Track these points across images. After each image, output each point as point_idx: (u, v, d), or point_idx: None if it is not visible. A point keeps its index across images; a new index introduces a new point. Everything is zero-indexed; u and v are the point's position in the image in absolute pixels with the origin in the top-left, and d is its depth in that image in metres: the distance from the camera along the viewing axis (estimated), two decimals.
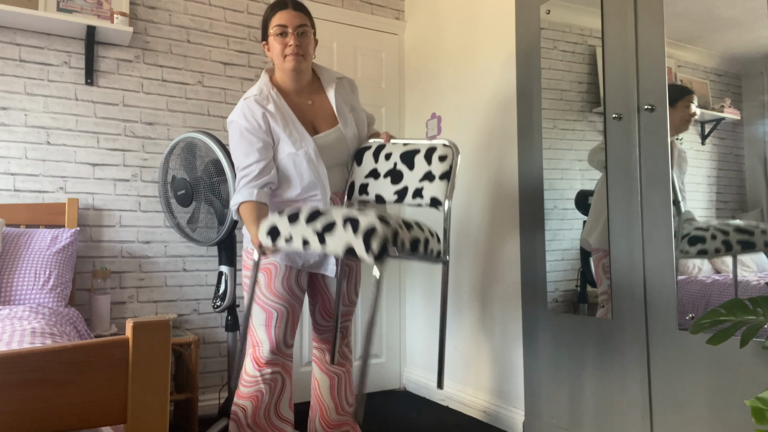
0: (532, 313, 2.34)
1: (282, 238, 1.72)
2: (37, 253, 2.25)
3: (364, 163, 2.11)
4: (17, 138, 2.54)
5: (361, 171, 2.11)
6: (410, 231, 1.71)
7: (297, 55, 1.91)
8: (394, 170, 2.07)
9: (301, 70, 1.95)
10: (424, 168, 2.01)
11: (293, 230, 1.70)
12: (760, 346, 1.58)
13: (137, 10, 2.78)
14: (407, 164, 2.05)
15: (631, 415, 1.94)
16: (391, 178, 2.07)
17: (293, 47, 1.90)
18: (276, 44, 1.92)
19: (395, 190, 2.06)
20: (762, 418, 1.18)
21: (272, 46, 1.94)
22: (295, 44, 1.90)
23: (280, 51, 1.92)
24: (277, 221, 1.73)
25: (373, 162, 2.09)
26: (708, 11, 1.76)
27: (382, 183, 2.08)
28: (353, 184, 2.10)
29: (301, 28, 1.91)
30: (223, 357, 2.88)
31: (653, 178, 1.88)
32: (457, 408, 2.89)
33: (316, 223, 1.68)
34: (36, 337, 1.50)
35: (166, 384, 0.81)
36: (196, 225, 2.51)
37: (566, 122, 2.23)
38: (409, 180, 2.03)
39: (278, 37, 1.92)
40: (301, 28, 1.91)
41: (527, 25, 2.40)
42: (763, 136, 1.63)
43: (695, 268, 1.79)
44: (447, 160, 1.98)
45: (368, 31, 3.37)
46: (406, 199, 2.04)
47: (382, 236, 1.59)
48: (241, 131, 1.89)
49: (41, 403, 0.75)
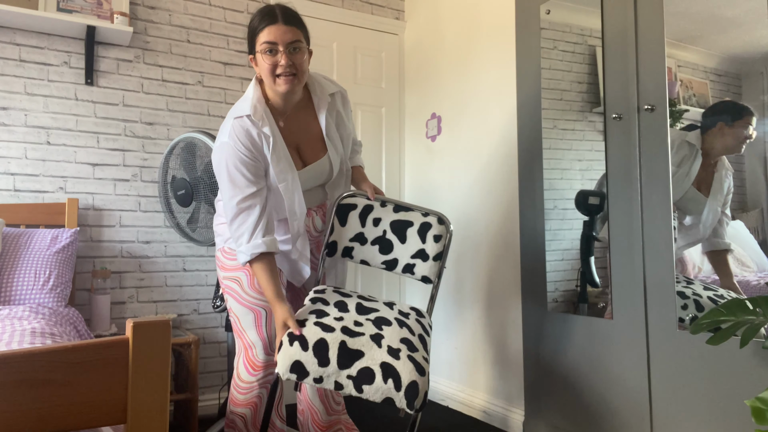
0: (532, 313, 2.34)
1: (311, 377, 1.63)
2: (37, 253, 2.25)
3: (349, 225, 1.96)
4: (17, 138, 2.54)
5: (345, 232, 1.97)
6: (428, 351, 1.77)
7: (290, 75, 1.69)
8: (383, 239, 1.97)
9: (295, 92, 1.76)
10: (417, 244, 1.94)
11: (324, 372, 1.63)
12: (760, 346, 1.58)
13: (137, 10, 2.78)
14: (398, 236, 1.96)
15: (631, 415, 1.94)
16: (379, 247, 1.97)
17: (284, 67, 1.68)
18: (264, 63, 1.69)
19: (384, 260, 1.97)
20: (762, 418, 1.18)
21: (260, 63, 1.71)
22: (287, 63, 1.67)
23: (270, 71, 1.69)
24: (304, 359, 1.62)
25: (360, 225, 1.96)
26: (708, 11, 1.76)
27: (369, 250, 1.98)
28: (336, 243, 1.96)
29: (293, 44, 1.68)
30: (223, 357, 2.88)
31: (653, 178, 1.88)
32: (457, 408, 2.89)
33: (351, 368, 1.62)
34: (36, 337, 1.50)
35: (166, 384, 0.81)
36: (196, 225, 2.51)
37: (566, 122, 2.23)
38: (400, 253, 1.96)
39: (267, 55, 1.68)
40: (293, 44, 1.68)
41: (527, 25, 2.40)
42: (763, 136, 1.63)
43: (695, 268, 1.79)
44: (441, 240, 1.94)
45: (368, 31, 3.37)
46: (395, 270, 1.97)
47: (423, 391, 1.62)
48: (235, 164, 1.68)
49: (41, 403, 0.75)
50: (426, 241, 1.94)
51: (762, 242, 1.64)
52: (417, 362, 1.65)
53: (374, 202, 1.95)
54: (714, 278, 1.75)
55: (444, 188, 3.09)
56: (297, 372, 1.63)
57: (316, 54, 3.20)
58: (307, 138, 1.85)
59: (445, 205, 3.08)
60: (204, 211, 2.47)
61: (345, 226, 1.96)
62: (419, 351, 1.69)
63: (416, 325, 1.81)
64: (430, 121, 3.23)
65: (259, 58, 1.71)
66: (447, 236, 1.95)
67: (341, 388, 1.64)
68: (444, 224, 1.94)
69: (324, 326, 1.67)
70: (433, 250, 1.94)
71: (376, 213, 1.96)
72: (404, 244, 1.96)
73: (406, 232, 1.96)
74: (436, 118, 3.17)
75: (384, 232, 1.96)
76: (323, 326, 1.67)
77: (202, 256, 2.86)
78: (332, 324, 1.69)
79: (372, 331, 1.70)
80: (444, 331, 3.05)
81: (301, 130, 1.84)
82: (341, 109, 1.92)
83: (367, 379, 1.61)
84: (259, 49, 1.70)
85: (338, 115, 1.91)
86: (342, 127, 1.92)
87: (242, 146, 1.69)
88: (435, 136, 3.18)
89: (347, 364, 1.62)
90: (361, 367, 1.62)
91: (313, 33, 3.20)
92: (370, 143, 3.35)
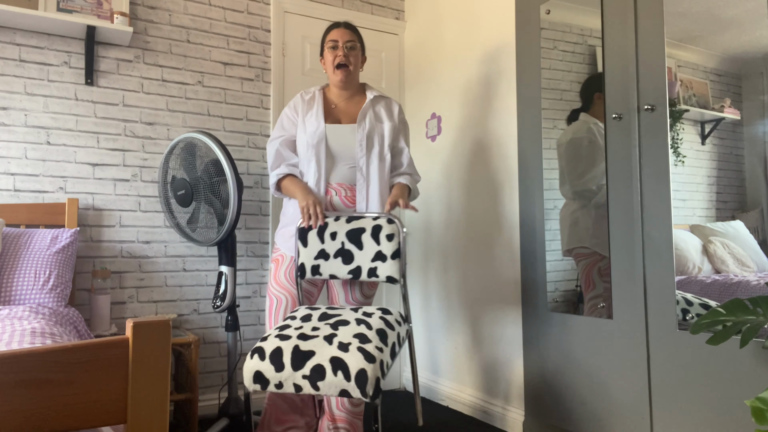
0: (532, 313, 2.34)
1: (272, 385, 1.76)
2: (37, 253, 2.25)
3: (311, 244, 2.15)
4: (17, 138, 2.54)
5: (309, 252, 2.16)
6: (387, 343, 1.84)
7: (344, 67, 2.20)
8: (343, 249, 2.13)
9: (347, 82, 2.23)
10: (373, 248, 2.10)
11: (282, 377, 1.75)
12: (760, 346, 1.58)
13: (137, 10, 2.78)
14: (355, 244, 2.12)
15: (631, 415, 1.94)
16: (342, 259, 2.13)
17: (341, 57, 2.20)
18: (328, 56, 2.23)
19: (348, 270, 2.12)
20: (762, 418, 1.18)
21: (326, 58, 2.25)
22: (343, 55, 2.20)
23: (331, 62, 2.22)
24: (262, 368, 1.77)
25: (320, 242, 2.14)
26: (708, 11, 1.76)
27: (333, 263, 2.14)
28: (303, 265, 2.15)
29: (350, 42, 2.23)
30: (223, 357, 2.88)
31: (653, 178, 1.88)
32: (457, 408, 2.89)
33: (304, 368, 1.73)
34: (36, 337, 1.50)
35: (166, 384, 0.81)
36: (196, 225, 2.51)
37: (566, 122, 2.23)
38: (361, 260, 2.11)
39: (330, 50, 2.22)
40: (350, 43, 2.22)
41: (527, 25, 2.40)
42: (763, 136, 1.63)
43: (695, 268, 1.79)
44: (395, 238, 2.09)
45: (368, 31, 3.37)
46: (361, 277, 2.12)
47: (373, 377, 1.70)
48: (282, 116, 2.29)
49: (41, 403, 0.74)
50: (380, 243, 2.10)
51: (762, 242, 1.64)
52: (367, 351, 1.73)
53: (329, 219, 2.16)
54: (714, 278, 1.75)
55: (444, 188, 3.09)
56: (259, 381, 1.76)
57: (316, 53, 3.21)
58: (346, 117, 2.26)
59: (444, 205, 3.08)
60: (204, 212, 2.47)
61: (307, 247, 2.16)
62: (372, 342, 1.78)
63: (378, 321, 1.90)
64: (430, 121, 3.22)
65: (325, 53, 2.25)
66: (399, 234, 2.09)
67: (300, 389, 1.74)
68: (394, 223, 2.08)
69: (282, 336, 1.82)
70: (390, 249, 2.08)
71: (332, 228, 2.15)
72: (362, 250, 2.12)
73: (361, 239, 2.12)
74: (436, 118, 3.17)
75: (342, 244, 2.13)
76: (281, 337, 1.82)
77: (202, 256, 2.86)
78: (290, 333, 1.84)
79: (327, 332, 1.84)
80: (444, 331, 3.05)
81: (344, 111, 2.27)
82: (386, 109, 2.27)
83: (320, 375, 1.72)
84: (326, 46, 2.24)
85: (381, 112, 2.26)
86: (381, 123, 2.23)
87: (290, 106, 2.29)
88: (435, 136, 3.18)
89: (300, 365, 1.73)
90: (313, 365, 1.72)
91: (313, 33, 3.20)
92: None
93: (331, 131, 2.17)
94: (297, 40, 3.15)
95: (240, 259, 2.94)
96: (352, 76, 2.23)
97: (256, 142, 3.01)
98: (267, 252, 3.01)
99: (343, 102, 2.27)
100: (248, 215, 2.97)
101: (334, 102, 2.27)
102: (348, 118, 2.23)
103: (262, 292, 3.00)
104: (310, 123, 2.18)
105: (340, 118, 2.23)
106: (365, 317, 1.93)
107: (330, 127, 2.17)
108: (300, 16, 3.17)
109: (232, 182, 2.35)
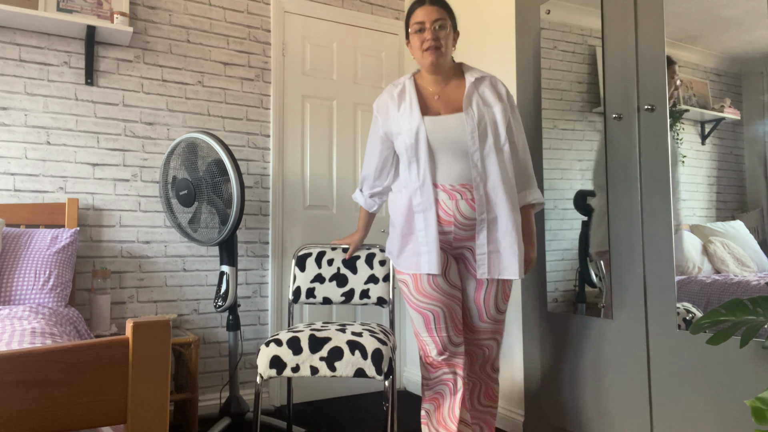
0: (532, 313, 2.34)
1: (288, 369, 1.95)
2: (37, 253, 2.25)
3: (308, 269, 2.42)
4: (17, 138, 2.54)
5: (306, 276, 2.41)
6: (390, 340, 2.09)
7: (434, 48, 1.89)
8: (339, 274, 2.41)
9: (439, 65, 1.91)
10: (367, 272, 2.39)
11: (299, 359, 1.96)
12: (760, 346, 1.58)
13: (137, 10, 2.78)
14: (350, 269, 2.41)
15: (631, 415, 1.94)
16: (336, 282, 2.40)
17: (430, 41, 1.89)
18: (416, 40, 1.93)
19: (342, 293, 2.39)
20: (762, 418, 1.18)
21: (413, 42, 1.95)
22: (432, 38, 1.89)
23: (419, 46, 1.92)
24: (280, 352, 1.97)
25: (317, 267, 2.42)
26: (708, 11, 1.76)
27: (328, 286, 2.40)
28: (299, 288, 2.41)
29: (438, 21, 1.90)
30: (224, 357, 2.88)
31: (653, 178, 1.88)
32: None
33: (321, 350, 1.96)
34: (36, 337, 1.50)
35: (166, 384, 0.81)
36: (198, 225, 2.51)
37: (566, 122, 2.23)
38: (355, 283, 2.39)
39: (417, 34, 1.92)
40: (438, 22, 1.90)
41: (527, 25, 2.40)
42: (763, 136, 1.63)
43: (695, 268, 1.79)
44: (386, 263, 2.40)
45: (368, 31, 3.37)
46: (353, 300, 2.38)
47: (387, 357, 1.95)
48: (372, 125, 2.06)
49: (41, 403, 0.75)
50: (374, 267, 2.39)
51: (762, 242, 1.64)
52: (379, 338, 2.01)
53: (326, 248, 2.43)
54: (714, 278, 1.75)
55: None
56: (276, 366, 1.95)
57: (316, 53, 3.21)
58: (447, 105, 1.94)
59: None
60: (206, 212, 2.47)
61: (304, 272, 2.42)
62: (379, 335, 2.05)
63: (376, 327, 2.21)
64: None
65: (412, 38, 1.95)
66: (389, 261, 2.37)
67: (317, 371, 1.93)
68: (385, 251, 2.25)
69: (295, 331, 2.08)
70: (382, 273, 2.38)
71: (329, 255, 2.44)
72: (356, 274, 2.40)
73: (356, 264, 2.41)
74: None
75: (338, 269, 2.42)
76: (294, 331, 2.07)
77: (202, 256, 2.86)
78: (301, 328, 2.10)
79: (336, 328, 2.11)
80: None
81: (443, 100, 1.95)
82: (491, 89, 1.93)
83: (338, 356, 1.94)
84: (411, 30, 1.94)
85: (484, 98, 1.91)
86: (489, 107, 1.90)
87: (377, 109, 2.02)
88: None
89: (318, 348, 1.96)
90: (331, 347, 1.95)
91: (313, 33, 3.20)
92: None
93: (431, 124, 1.86)
94: (297, 40, 3.15)
95: (240, 259, 2.94)
96: (445, 57, 1.91)
97: (256, 142, 3.01)
98: (267, 252, 3.01)
99: (439, 88, 1.95)
100: (248, 215, 2.98)
101: (429, 90, 1.96)
102: (448, 106, 1.91)
103: (262, 292, 3.00)
104: (405, 120, 1.89)
105: (439, 109, 1.92)
106: (364, 325, 2.18)
107: (430, 120, 1.87)
108: (300, 16, 3.17)
109: (236, 182, 2.35)
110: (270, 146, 3.04)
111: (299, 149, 3.13)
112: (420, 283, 1.88)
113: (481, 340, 1.96)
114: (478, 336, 1.96)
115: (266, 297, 3.00)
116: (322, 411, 2.89)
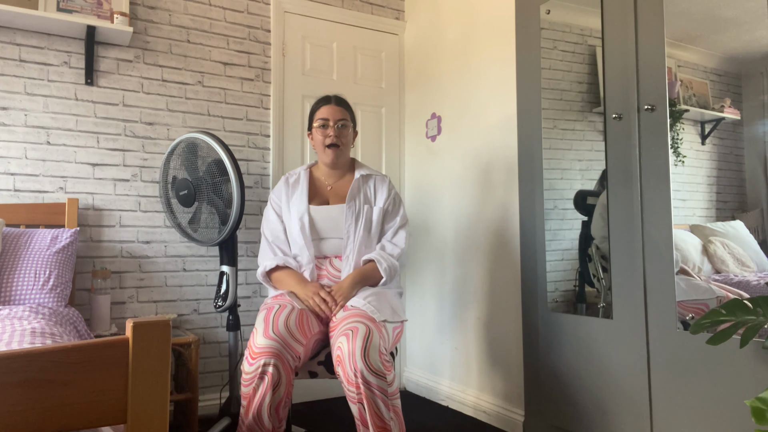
0: (532, 313, 2.34)
1: None
2: (37, 253, 2.25)
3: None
4: (17, 138, 2.54)
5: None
6: None
7: (335, 147, 2.15)
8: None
9: (338, 161, 2.19)
10: None
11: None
12: (760, 346, 1.58)
13: (137, 10, 2.78)
14: None
15: (631, 415, 1.94)
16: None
17: (332, 138, 2.14)
18: (318, 135, 2.18)
19: None
20: (762, 418, 1.18)
21: (315, 136, 2.19)
22: (335, 135, 2.14)
23: (321, 141, 2.17)
24: None
25: None
26: (708, 11, 1.76)
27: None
28: None
29: (341, 121, 2.17)
30: (224, 357, 2.88)
31: (653, 178, 1.88)
32: (457, 408, 2.89)
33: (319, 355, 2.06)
34: (36, 337, 1.50)
35: (166, 384, 0.81)
36: (198, 225, 2.51)
37: (566, 122, 2.23)
38: None
39: (321, 129, 2.17)
40: (341, 122, 2.17)
41: (527, 25, 2.40)
42: (763, 136, 1.63)
43: (695, 268, 1.79)
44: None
45: (368, 31, 3.37)
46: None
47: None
48: (268, 205, 2.27)
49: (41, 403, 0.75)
50: None
51: (762, 242, 1.64)
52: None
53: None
54: (714, 277, 1.75)
55: (444, 188, 3.09)
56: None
57: (316, 53, 3.21)
58: (335, 197, 2.23)
59: (444, 205, 3.08)
60: (206, 212, 2.47)
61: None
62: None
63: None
64: (430, 121, 3.22)
65: (315, 132, 2.20)
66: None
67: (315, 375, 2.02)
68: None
69: None
70: None
71: None
72: None
73: None
74: (436, 118, 3.17)
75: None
76: None
77: (202, 256, 2.86)
78: None
79: None
80: (444, 331, 3.05)
81: (332, 192, 2.24)
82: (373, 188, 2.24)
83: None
84: (315, 124, 2.19)
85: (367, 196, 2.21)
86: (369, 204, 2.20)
87: (275, 194, 2.26)
88: (435, 136, 3.18)
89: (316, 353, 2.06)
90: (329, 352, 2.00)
91: (313, 33, 3.20)
92: (370, 143, 3.35)
93: (316, 213, 2.15)
94: (297, 40, 3.15)
95: (240, 259, 2.94)
96: (344, 155, 2.20)
97: (256, 142, 3.01)
98: None
99: (332, 181, 2.24)
100: (248, 215, 2.98)
101: (322, 181, 2.25)
102: (337, 198, 2.20)
103: (262, 292, 3.00)
104: (295, 207, 2.16)
105: (329, 198, 2.21)
106: None
107: (315, 209, 2.15)
108: (300, 16, 3.17)
109: (236, 182, 2.35)
110: (270, 146, 3.04)
111: (299, 149, 3.13)
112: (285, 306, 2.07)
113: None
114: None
115: (266, 297, 2.99)
116: (321, 411, 2.89)
